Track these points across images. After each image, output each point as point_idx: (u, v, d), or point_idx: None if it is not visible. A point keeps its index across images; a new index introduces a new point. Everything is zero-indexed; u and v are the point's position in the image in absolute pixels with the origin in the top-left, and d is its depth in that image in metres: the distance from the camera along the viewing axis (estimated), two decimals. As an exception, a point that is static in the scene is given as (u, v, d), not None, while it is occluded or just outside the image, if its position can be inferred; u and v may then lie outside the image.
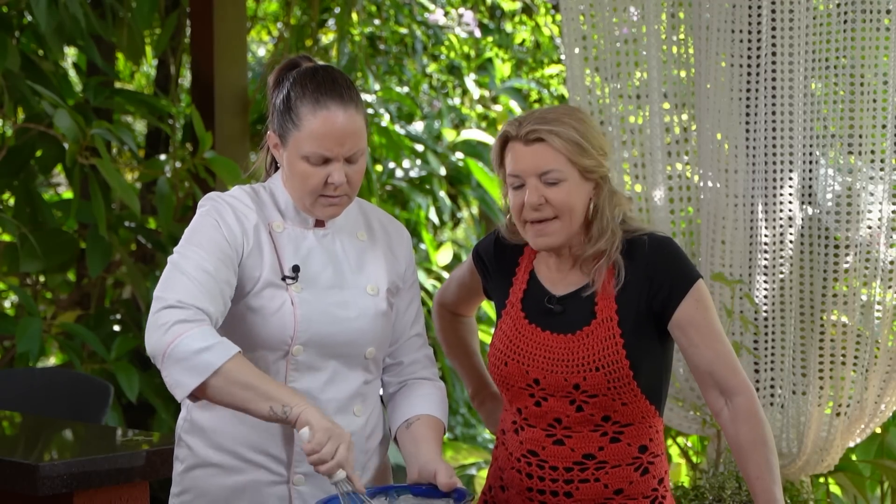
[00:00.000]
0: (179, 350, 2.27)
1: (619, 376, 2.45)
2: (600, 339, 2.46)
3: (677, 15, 3.70)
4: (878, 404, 3.65)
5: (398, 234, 2.62)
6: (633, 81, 3.67)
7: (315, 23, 6.48)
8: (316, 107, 2.39)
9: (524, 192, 2.48)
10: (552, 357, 2.48)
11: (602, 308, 2.49)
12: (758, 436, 2.49)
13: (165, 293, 2.34)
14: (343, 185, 2.41)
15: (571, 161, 2.46)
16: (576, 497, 2.49)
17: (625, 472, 2.50)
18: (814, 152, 3.61)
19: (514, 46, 7.47)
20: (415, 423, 2.51)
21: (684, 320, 2.48)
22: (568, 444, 2.49)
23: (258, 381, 2.28)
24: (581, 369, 2.46)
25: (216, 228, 2.42)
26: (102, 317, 5.28)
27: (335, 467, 2.23)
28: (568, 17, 3.70)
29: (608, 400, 2.46)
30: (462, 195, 7.79)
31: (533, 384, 2.50)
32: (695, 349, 2.48)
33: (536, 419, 2.51)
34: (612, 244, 2.48)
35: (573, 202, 2.47)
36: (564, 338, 2.49)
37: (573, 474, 2.49)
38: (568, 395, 2.47)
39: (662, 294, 2.47)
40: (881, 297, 3.58)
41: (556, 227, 2.47)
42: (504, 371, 2.53)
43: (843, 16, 3.54)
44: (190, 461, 2.50)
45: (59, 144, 4.85)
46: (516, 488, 2.54)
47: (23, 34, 5.20)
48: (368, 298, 2.49)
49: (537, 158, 2.46)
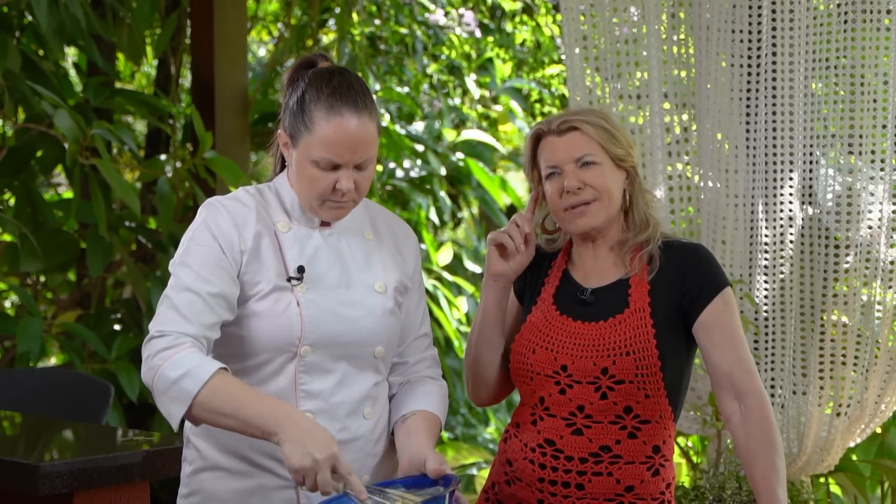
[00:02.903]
0: (161, 382, 2.31)
1: (647, 364, 2.50)
2: (632, 326, 2.53)
3: (678, 15, 3.70)
4: (878, 404, 3.65)
5: (405, 235, 2.62)
6: (634, 81, 3.67)
7: (315, 23, 6.49)
8: (330, 113, 2.39)
9: (562, 178, 2.57)
10: (582, 343, 2.54)
11: (635, 298, 2.56)
12: (767, 438, 2.53)
13: (153, 325, 2.38)
14: (351, 191, 2.41)
15: (604, 148, 2.57)
16: (587, 490, 2.52)
17: (637, 469, 2.53)
18: (814, 152, 3.61)
19: (515, 46, 7.47)
20: (410, 417, 2.52)
21: (710, 321, 2.55)
22: (586, 434, 2.52)
23: (235, 408, 2.29)
24: (611, 353, 2.51)
25: (212, 239, 2.41)
26: (103, 316, 5.28)
27: (326, 487, 2.26)
28: (568, 17, 3.70)
29: (633, 388, 2.51)
30: (462, 195, 7.79)
31: (560, 371, 2.54)
32: (717, 350, 2.55)
33: (558, 407, 2.54)
34: (654, 236, 2.59)
35: (610, 185, 2.57)
36: (596, 325, 2.55)
37: (587, 466, 2.52)
38: (595, 381, 2.52)
39: (692, 293, 2.54)
40: (881, 297, 3.58)
41: (595, 208, 2.56)
42: (531, 359, 2.57)
43: (844, 16, 3.54)
44: (198, 463, 2.50)
45: (60, 144, 4.85)
46: (527, 479, 2.56)
47: (23, 34, 5.20)
48: (376, 297, 2.49)
49: (572, 145, 2.57)
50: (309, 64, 2.49)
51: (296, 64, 2.50)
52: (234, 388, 2.30)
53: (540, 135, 2.62)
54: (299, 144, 2.42)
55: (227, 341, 2.42)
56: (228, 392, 2.29)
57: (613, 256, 2.62)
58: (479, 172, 7.23)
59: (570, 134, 2.58)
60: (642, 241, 2.59)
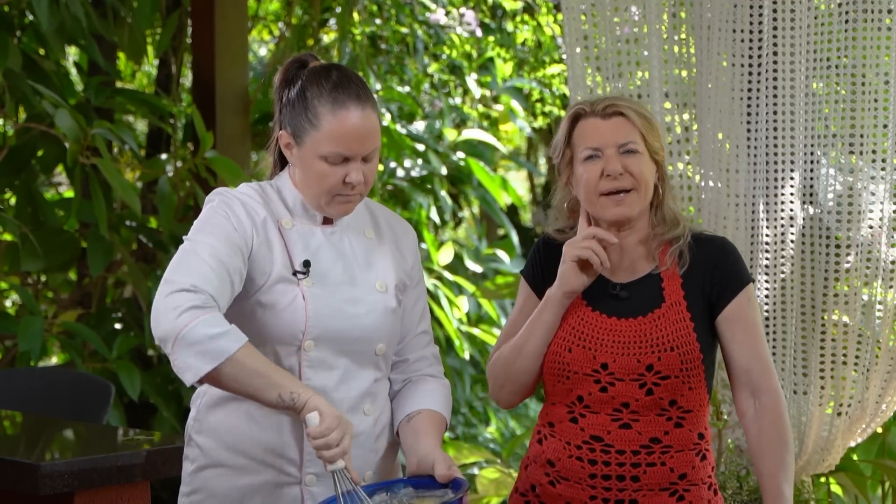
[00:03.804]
0: (193, 334, 2.27)
1: (691, 357, 2.51)
2: (672, 321, 2.53)
3: (679, 14, 3.70)
4: (878, 404, 3.65)
5: (405, 233, 2.63)
6: (635, 81, 3.66)
7: (316, 22, 6.48)
8: (335, 107, 2.40)
9: (601, 162, 2.55)
10: (622, 340, 2.53)
11: (670, 292, 2.56)
12: (779, 435, 2.56)
13: (178, 276, 2.33)
14: (360, 184, 2.42)
15: (644, 137, 2.57)
16: (643, 481, 2.52)
17: (688, 456, 2.55)
18: (815, 152, 3.61)
19: (516, 46, 7.47)
20: (415, 416, 2.52)
21: (734, 315, 2.56)
22: (635, 427, 2.53)
23: (267, 370, 2.30)
24: (656, 349, 2.51)
25: (226, 219, 2.42)
26: (104, 316, 5.28)
27: (339, 454, 2.25)
28: (569, 16, 3.70)
29: (678, 382, 2.51)
30: (463, 195, 7.79)
31: (600, 369, 2.53)
32: (737, 345, 2.57)
33: (601, 405, 2.54)
34: (684, 232, 2.59)
35: (647, 176, 2.56)
36: (634, 321, 2.54)
37: (640, 458, 2.52)
38: (639, 378, 2.52)
39: (720, 286, 2.56)
40: (882, 296, 3.57)
41: (633, 199, 2.55)
42: (567, 358, 2.55)
43: (845, 15, 3.54)
44: (201, 461, 2.50)
45: (61, 144, 4.85)
46: (575, 477, 2.55)
47: (24, 34, 5.20)
48: (378, 295, 2.50)
49: (617, 130, 2.56)
50: (301, 63, 2.50)
51: (287, 65, 2.51)
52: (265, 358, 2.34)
53: (580, 115, 2.60)
54: (305, 142, 2.42)
55: None
56: (260, 357, 2.31)
57: (643, 250, 2.61)
58: (479, 172, 7.22)
59: (616, 119, 2.57)
60: (672, 238, 2.59)
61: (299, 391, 2.28)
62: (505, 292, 5.03)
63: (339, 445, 2.25)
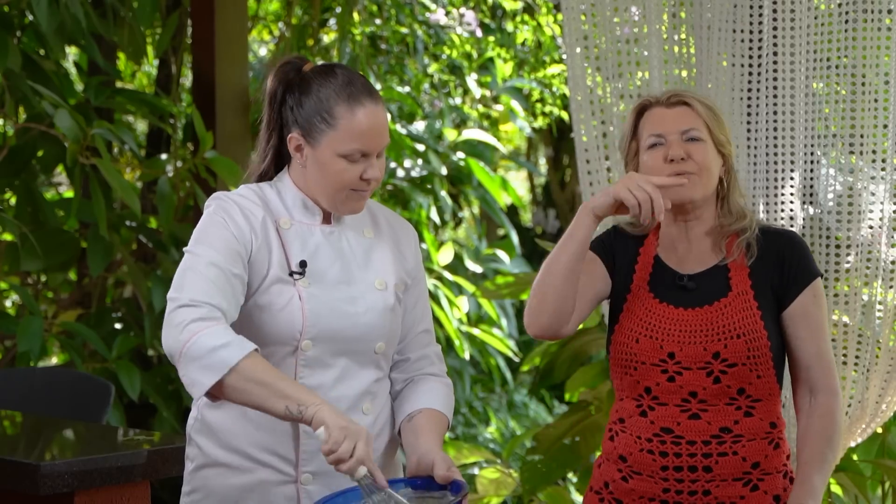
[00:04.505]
0: (195, 348, 2.28)
1: (758, 346, 2.53)
2: (738, 309, 2.55)
3: (678, 14, 3.70)
4: (879, 404, 3.65)
5: (405, 232, 2.63)
6: (635, 81, 3.66)
7: (316, 22, 6.48)
8: (352, 104, 2.41)
9: (664, 149, 2.58)
10: (688, 329, 2.55)
11: (737, 282, 2.58)
12: (825, 431, 2.58)
13: (179, 293, 2.35)
14: (378, 178, 2.44)
15: (708, 128, 2.60)
16: (715, 471, 2.53)
17: (760, 445, 2.56)
18: (815, 152, 3.61)
19: (516, 46, 7.47)
20: (416, 416, 2.52)
21: (800, 311, 2.59)
22: (704, 417, 2.54)
23: (273, 380, 2.29)
24: (722, 337, 2.53)
25: (224, 226, 2.43)
26: (103, 316, 5.28)
27: (356, 465, 2.23)
28: (569, 16, 3.69)
29: (746, 370, 2.53)
30: (463, 195, 7.79)
31: (667, 358, 2.55)
32: (800, 342, 2.59)
33: (668, 395, 2.55)
34: (751, 225, 2.61)
35: (710, 163, 2.59)
36: (700, 310, 2.56)
37: (711, 448, 2.53)
38: (706, 366, 2.53)
39: (788, 279, 2.59)
40: (882, 296, 3.57)
41: (694, 181, 2.57)
42: (634, 348, 2.57)
43: (845, 15, 3.54)
44: (200, 460, 2.51)
45: (61, 144, 4.85)
46: (647, 471, 2.56)
47: (24, 34, 5.20)
48: (377, 293, 2.50)
49: (680, 118, 2.60)
50: (297, 65, 2.50)
51: (282, 68, 2.50)
52: (271, 366, 2.33)
53: (645, 107, 2.65)
54: (320, 142, 2.43)
55: None
56: (266, 366, 2.30)
57: (710, 242, 2.63)
58: (479, 172, 7.22)
59: (680, 108, 2.62)
60: (739, 230, 2.61)
61: (307, 404, 2.26)
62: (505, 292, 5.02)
63: (353, 456, 2.23)
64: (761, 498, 2.57)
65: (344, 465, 2.23)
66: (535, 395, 8.33)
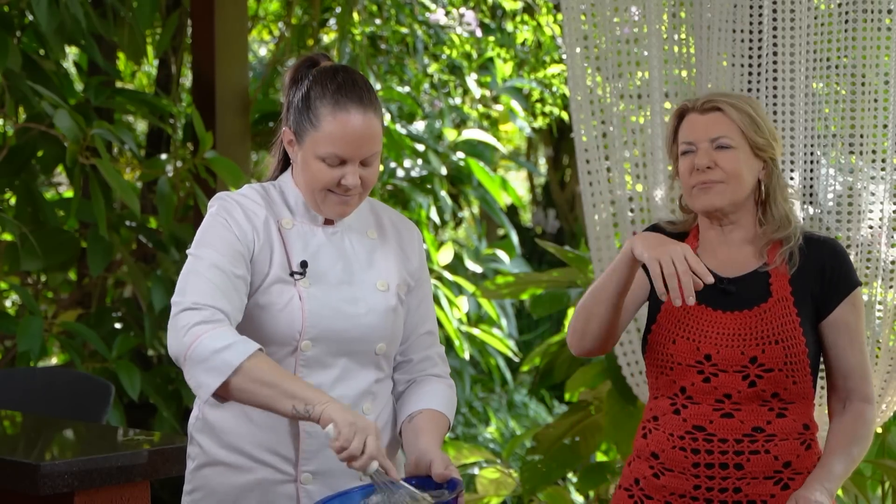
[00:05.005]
0: (199, 351, 2.28)
1: (795, 352, 2.53)
2: (777, 315, 2.55)
3: (678, 14, 3.70)
4: (879, 404, 3.65)
5: (409, 233, 2.63)
6: (635, 81, 3.66)
7: (316, 22, 6.48)
8: (335, 108, 2.41)
9: (695, 156, 2.59)
10: (726, 332, 2.55)
11: (777, 288, 2.58)
12: (857, 431, 2.60)
13: (182, 296, 2.36)
14: (356, 186, 2.42)
15: (744, 133, 2.59)
16: (746, 469, 2.54)
17: (792, 445, 2.56)
18: (815, 152, 3.61)
19: (516, 46, 7.46)
20: (417, 416, 2.52)
21: (840, 321, 2.60)
22: (737, 416, 2.54)
23: (279, 379, 2.29)
24: (760, 342, 2.53)
25: (226, 227, 2.43)
26: (103, 315, 5.28)
27: (367, 461, 2.23)
28: (569, 16, 3.69)
29: (782, 376, 2.53)
30: (463, 195, 7.79)
31: (703, 360, 2.55)
32: (840, 351, 2.60)
33: (703, 395, 2.55)
34: (795, 234, 2.60)
35: (741, 170, 2.58)
36: (740, 314, 2.56)
37: (743, 446, 2.54)
38: (742, 369, 2.53)
39: (829, 288, 2.59)
40: (882, 296, 3.57)
41: (720, 189, 2.57)
42: (671, 349, 2.58)
43: (845, 15, 3.54)
44: (201, 459, 2.51)
45: (61, 144, 4.85)
46: (679, 468, 2.56)
47: (24, 34, 5.20)
48: (378, 294, 2.50)
49: (711, 124, 2.60)
50: (311, 63, 2.51)
51: (298, 63, 2.52)
52: (277, 366, 2.33)
53: (684, 112, 2.65)
54: (305, 141, 2.44)
55: None
56: (271, 365, 2.31)
57: (751, 249, 2.63)
58: (479, 172, 7.22)
59: (712, 114, 2.61)
60: (782, 238, 2.61)
61: (314, 402, 2.26)
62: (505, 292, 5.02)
63: (364, 452, 2.23)
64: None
65: (356, 462, 2.24)
66: (535, 395, 8.33)
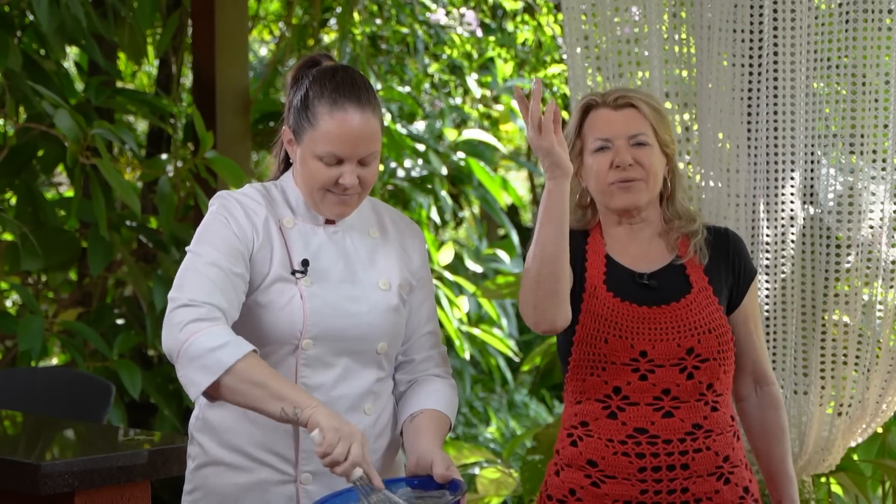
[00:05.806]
0: (193, 349, 2.28)
1: (725, 340, 2.57)
2: (703, 305, 2.58)
3: (679, 14, 3.70)
4: (879, 404, 3.65)
5: (411, 232, 2.63)
6: (635, 81, 3.66)
7: (317, 22, 6.48)
8: (333, 108, 2.41)
9: (610, 154, 2.57)
10: (659, 327, 2.55)
11: (695, 279, 2.61)
12: (783, 425, 2.69)
13: (178, 293, 2.36)
14: (354, 185, 2.42)
15: (655, 130, 2.60)
16: (692, 468, 2.55)
17: (727, 438, 2.59)
18: (815, 152, 3.61)
19: (516, 46, 7.46)
20: (418, 416, 2.52)
21: (749, 310, 2.66)
22: (677, 415, 2.55)
23: (270, 381, 2.29)
24: (695, 332, 2.55)
25: (226, 225, 2.43)
26: (104, 314, 5.28)
27: (350, 468, 2.23)
28: (570, 16, 3.69)
29: (716, 365, 2.56)
30: (464, 195, 7.79)
31: (638, 357, 2.54)
32: (749, 336, 2.66)
33: (640, 394, 2.54)
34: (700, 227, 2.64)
35: (657, 167, 2.60)
36: (668, 308, 2.57)
37: (686, 445, 2.55)
38: (679, 362, 2.54)
39: (738, 277, 2.64)
40: (882, 296, 3.57)
41: (640, 187, 2.58)
42: (603, 348, 2.55)
43: (845, 15, 3.54)
44: (201, 459, 2.51)
45: (61, 144, 4.85)
46: (623, 473, 2.54)
47: (24, 34, 5.20)
48: (380, 293, 2.50)
49: (628, 122, 2.59)
50: (313, 63, 2.51)
51: (299, 63, 2.53)
52: (269, 368, 2.33)
53: (591, 106, 2.63)
54: (303, 140, 2.44)
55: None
56: (263, 367, 2.31)
57: (662, 243, 2.65)
58: (480, 172, 7.22)
59: (627, 110, 2.60)
60: (689, 233, 2.63)
61: (303, 406, 2.26)
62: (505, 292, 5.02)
63: (347, 458, 2.23)
64: (733, 490, 2.59)
65: (339, 468, 2.23)
66: (536, 395, 8.33)
